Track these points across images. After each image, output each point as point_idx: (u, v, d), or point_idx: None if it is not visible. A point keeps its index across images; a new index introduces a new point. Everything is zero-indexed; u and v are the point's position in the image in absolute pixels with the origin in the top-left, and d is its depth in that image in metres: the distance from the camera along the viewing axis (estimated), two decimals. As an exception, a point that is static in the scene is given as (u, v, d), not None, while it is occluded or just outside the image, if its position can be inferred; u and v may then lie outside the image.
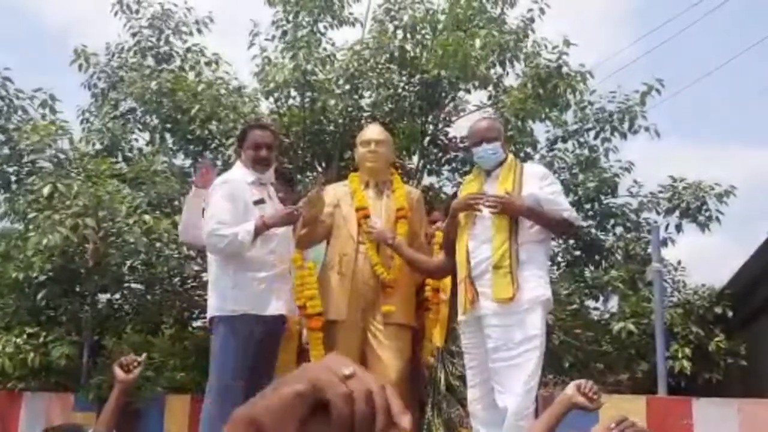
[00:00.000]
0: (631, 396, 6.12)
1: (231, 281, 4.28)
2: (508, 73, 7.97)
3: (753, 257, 7.55)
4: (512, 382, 3.94)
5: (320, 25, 7.70)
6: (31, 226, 6.51)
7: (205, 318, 8.09)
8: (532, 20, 7.88)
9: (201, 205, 4.63)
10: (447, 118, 8.18)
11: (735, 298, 7.47)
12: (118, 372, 3.36)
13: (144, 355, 3.33)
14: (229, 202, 4.26)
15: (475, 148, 4.35)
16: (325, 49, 7.57)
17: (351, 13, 7.98)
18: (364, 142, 5.14)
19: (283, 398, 0.81)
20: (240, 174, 4.44)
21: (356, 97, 7.52)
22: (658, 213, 7.79)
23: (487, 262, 4.07)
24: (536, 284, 4.02)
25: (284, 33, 7.64)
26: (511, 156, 4.38)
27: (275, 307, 4.29)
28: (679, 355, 6.78)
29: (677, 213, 7.68)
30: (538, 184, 4.15)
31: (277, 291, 4.32)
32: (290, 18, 7.66)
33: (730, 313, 7.24)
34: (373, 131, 5.28)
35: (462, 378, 4.99)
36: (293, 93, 7.47)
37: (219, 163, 7.89)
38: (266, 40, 7.69)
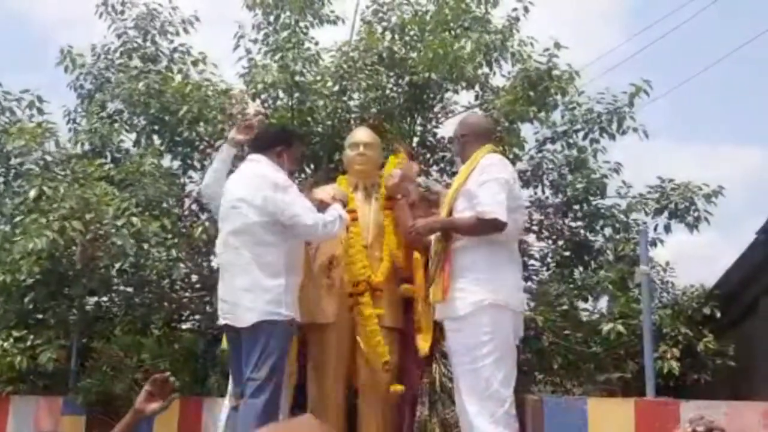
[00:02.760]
0: (620, 399, 6.15)
1: (284, 285, 4.28)
2: (495, 73, 7.99)
3: (741, 257, 7.58)
4: (468, 388, 3.96)
5: (302, 25, 7.69)
6: (17, 230, 6.47)
7: (194, 320, 8.11)
8: (517, 19, 7.90)
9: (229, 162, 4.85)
10: (436, 119, 8.17)
11: (724, 298, 7.50)
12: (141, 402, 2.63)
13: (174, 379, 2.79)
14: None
15: None
16: (308, 48, 7.55)
17: (332, 11, 7.97)
18: (353, 145, 5.16)
19: None
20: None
21: (345, 98, 7.50)
22: (646, 214, 7.80)
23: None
24: (476, 289, 4.00)
25: (266, 35, 7.64)
26: (483, 149, 4.32)
27: (298, 313, 4.45)
28: (668, 356, 6.80)
29: (666, 214, 7.69)
30: (476, 178, 4.14)
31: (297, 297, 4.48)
32: (271, 20, 7.65)
33: (718, 314, 7.27)
34: (361, 134, 5.29)
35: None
36: (281, 95, 7.45)
37: (206, 164, 7.87)
38: (250, 41, 7.68)
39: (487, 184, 4.04)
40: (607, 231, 7.95)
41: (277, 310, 4.24)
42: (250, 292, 4.28)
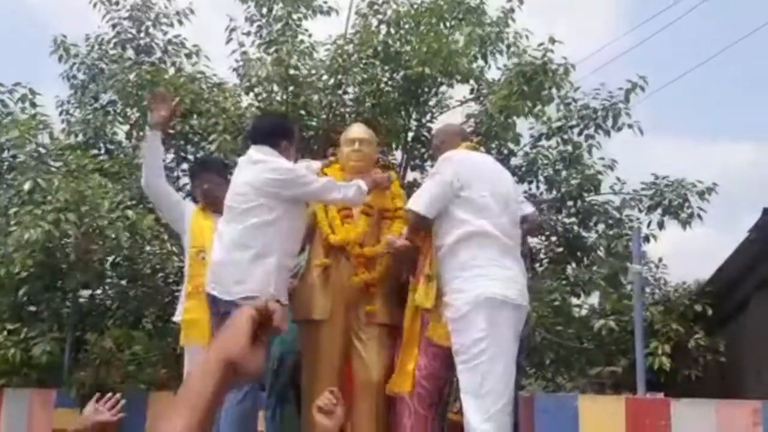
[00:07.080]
0: (611, 397, 6.18)
1: (274, 265, 4.24)
2: (490, 66, 7.99)
3: (733, 255, 7.60)
4: (466, 385, 3.97)
5: (295, 17, 7.66)
6: (12, 222, 6.45)
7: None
8: (512, 10, 7.91)
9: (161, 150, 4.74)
10: (431, 114, 8.17)
11: (715, 295, 7.53)
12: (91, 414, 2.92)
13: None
14: None
15: None
16: (302, 41, 7.53)
17: (325, 2, 7.96)
18: (348, 141, 5.12)
19: (242, 325, 1.22)
20: None
21: (339, 92, 7.49)
22: (640, 210, 7.84)
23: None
24: (472, 286, 4.01)
25: (259, 27, 7.62)
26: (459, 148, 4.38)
27: (284, 298, 4.37)
28: (659, 352, 6.84)
29: (659, 210, 7.72)
30: None
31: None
32: (263, 12, 7.63)
33: (710, 311, 7.30)
34: (357, 130, 5.25)
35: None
36: (275, 88, 7.44)
37: (199, 156, 7.85)
38: (243, 34, 7.67)
39: (426, 182, 4.18)
40: (600, 227, 7.98)
41: (261, 287, 4.22)
42: (238, 267, 4.27)
